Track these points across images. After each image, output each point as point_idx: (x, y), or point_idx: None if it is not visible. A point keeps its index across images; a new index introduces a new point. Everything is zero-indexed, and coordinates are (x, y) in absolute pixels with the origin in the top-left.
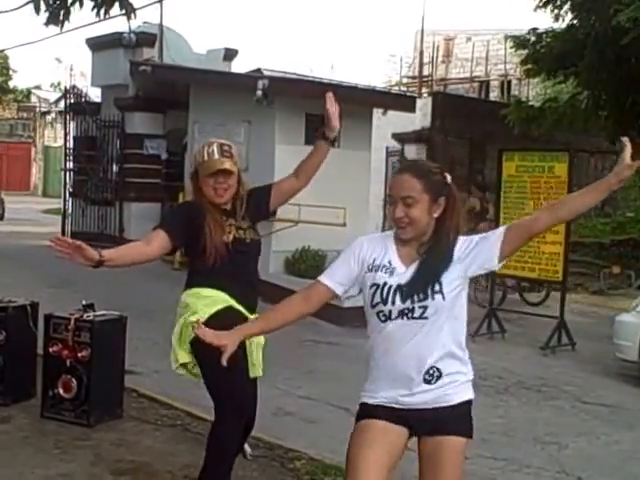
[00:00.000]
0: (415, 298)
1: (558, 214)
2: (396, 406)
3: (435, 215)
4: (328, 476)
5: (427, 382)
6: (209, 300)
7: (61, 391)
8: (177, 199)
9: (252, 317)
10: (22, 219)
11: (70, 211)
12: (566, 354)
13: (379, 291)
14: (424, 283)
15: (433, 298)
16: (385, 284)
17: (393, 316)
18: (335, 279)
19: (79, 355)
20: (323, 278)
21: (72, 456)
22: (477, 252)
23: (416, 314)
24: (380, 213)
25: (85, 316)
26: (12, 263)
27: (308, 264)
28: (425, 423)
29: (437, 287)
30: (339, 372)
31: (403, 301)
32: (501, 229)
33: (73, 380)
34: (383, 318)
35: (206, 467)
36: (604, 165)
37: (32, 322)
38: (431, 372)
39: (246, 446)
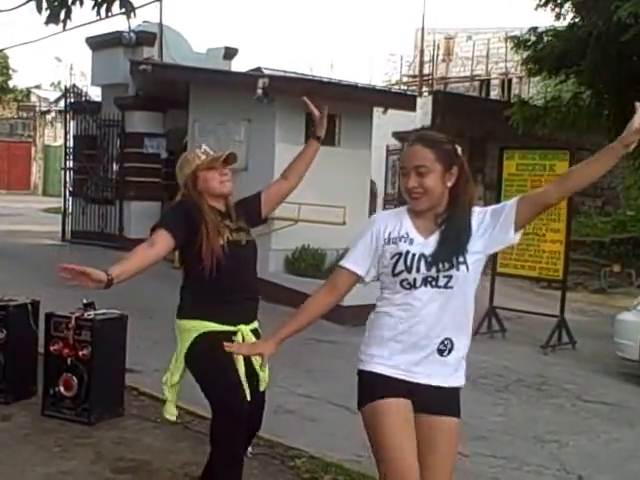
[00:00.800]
0: (440, 267)
1: (567, 185)
2: (407, 378)
3: (449, 184)
4: (328, 474)
5: (440, 352)
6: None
7: (62, 389)
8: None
9: (247, 328)
10: (22, 217)
11: (70, 210)
12: (566, 353)
13: (402, 259)
14: (450, 252)
15: (458, 269)
16: (408, 252)
17: (418, 284)
18: (356, 262)
19: (80, 353)
20: (344, 262)
21: (73, 454)
22: (493, 230)
23: (440, 283)
24: (380, 212)
25: (86, 315)
26: (13, 262)
27: (308, 263)
28: (428, 401)
29: (462, 258)
30: (339, 370)
31: (428, 269)
32: (513, 201)
33: (74, 378)
34: (407, 286)
35: (215, 469)
36: None
37: (33, 321)
38: (445, 343)
39: None
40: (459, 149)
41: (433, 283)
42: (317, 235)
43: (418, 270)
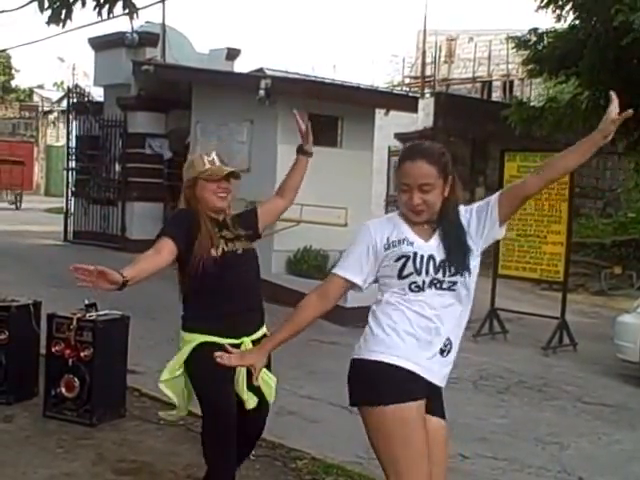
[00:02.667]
0: (447, 271)
1: (546, 175)
2: (426, 376)
3: (446, 194)
4: (330, 475)
5: (441, 352)
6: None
7: (63, 390)
8: (179, 199)
9: (249, 340)
10: (24, 217)
11: (72, 210)
12: (567, 354)
13: (411, 261)
14: (459, 257)
15: (462, 274)
16: (416, 254)
17: (426, 286)
18: (352, 270)
19: (81, 354)
20: (337, 270)
21: (74, 455)
22: (483, 229)
23: (445, 286)
24: (382, 213)
25: (88, 316)
26: (15, 262)
27: (310, 264)
28: (433, 401)
29: (467, 261)
30: (342, 372)
31: (435, 272)
32: (495, 197)
33: (75, 379)
34: (416, 289)
35: (210, 469)
36: (605, 166)
37: (35, 321)
38: (446, 343)
39: None
40: (449, 155)
41: (438, 285)
42: (319, 236)
43: (427, 272)
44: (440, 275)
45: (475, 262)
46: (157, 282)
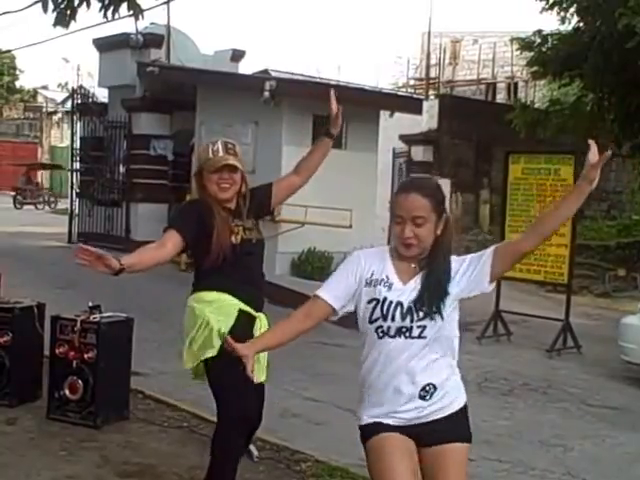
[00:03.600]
0: (415, 316)
1: (540, 231)
2: (396, 423)
3: (438, 232)
4: (334, 478)
5: (422, 398)
6: (215, 305)
7: (67, 392)
8: (184, 200)
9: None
10: (27, 218)
11: (77, 211)
12: (572, 356)
13: (379, 306)
14: (431, 299)
15: (432, 318)
16: (385, 299)
17: (391, 333)
18: (333, 293)
19: (85, 356)
20: (322, 293)
21: (78, 458)
22: (469, 276)
23: (414, 333)
24: (387, 215)
25: (92, 317)
26: (19, 264)
27: (314, 266)
28: (425, 435)
29: (439, 306)
30: (346, 374)
31: (403, 319)
32: (489, 250)
33: (79, 381)
34: (381, 334)
35: (211, 470)
36: (610, 168)
37: (38, 323)
38: (427, 389)
39: (252, 448)
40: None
41: (407, 334)
42: (323, 238)
43: (393, 319)
44: (408, 322)
45: (453, 310)
46: (161, 284)
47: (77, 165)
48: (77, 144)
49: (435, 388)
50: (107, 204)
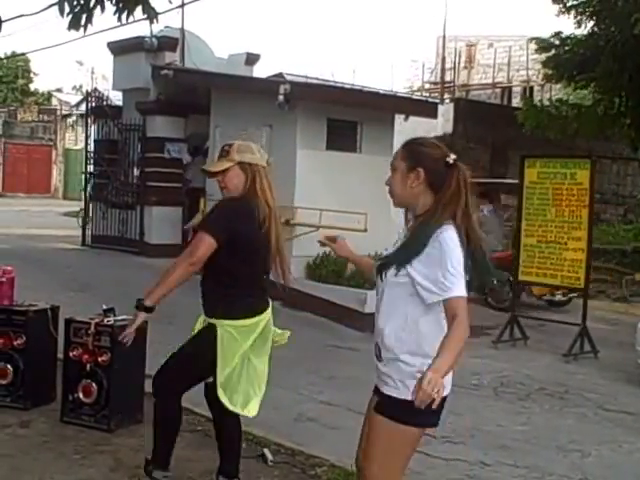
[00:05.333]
0: (382, 275)
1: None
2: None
3: (413, 186)
4: None
5: (377, 357)
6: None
7: (81, 395)
8: (198, 203)
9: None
10: (42, 221)
11: (91, 214)
12: (588, 361)
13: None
14: (393, 262)
15: (384, 279)
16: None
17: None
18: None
19: (99, 359)
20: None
21: (92, 461)
22: (430, 270)
23: (379, 290)
24: (402, 219)
25: (105, 320)
26: (33, 266)
27: (329, 269)
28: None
29: (398, 270)
30: (360, 378)
31: (375, 275)
32: (444, 295)
33: (93, 385)
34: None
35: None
36: (626, 172)
37: (52, 326)
38: (379, 347)
39: (267, 452)
40: (451, 157)
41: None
42: None
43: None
44: (378, 279)
45: (401, 281)
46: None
47: (91, 168)
48: (91, 147)
49: (380, 354)
50: (121, 207)
